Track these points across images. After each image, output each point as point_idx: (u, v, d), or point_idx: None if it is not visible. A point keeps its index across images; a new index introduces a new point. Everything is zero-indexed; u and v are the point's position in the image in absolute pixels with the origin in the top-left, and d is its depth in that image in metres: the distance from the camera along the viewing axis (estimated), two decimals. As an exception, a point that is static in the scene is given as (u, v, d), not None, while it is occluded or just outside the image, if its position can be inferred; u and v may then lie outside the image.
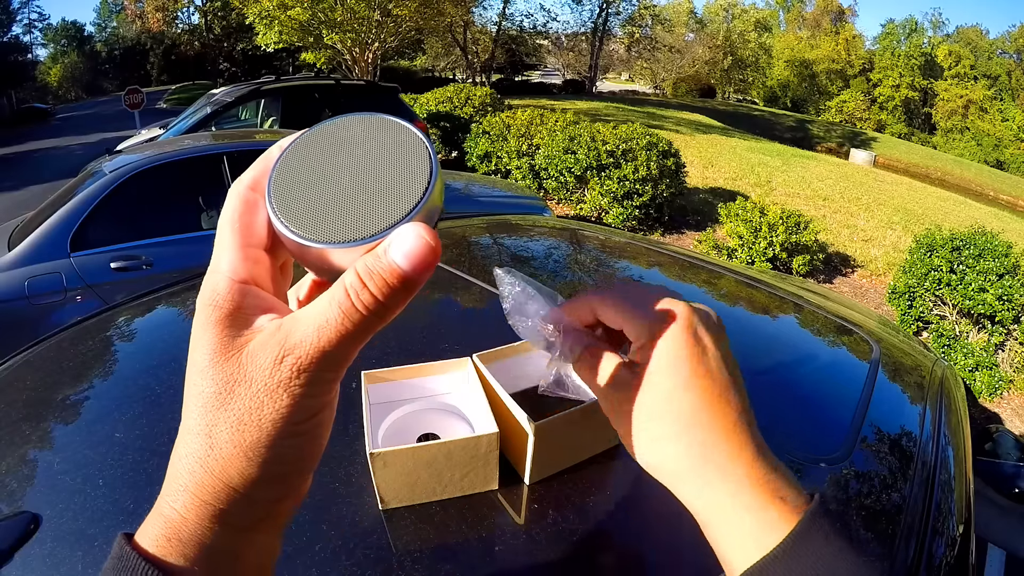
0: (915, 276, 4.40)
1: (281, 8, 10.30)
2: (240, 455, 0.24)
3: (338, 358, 0.24)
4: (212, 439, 0.24)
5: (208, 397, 0.24)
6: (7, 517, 0.62)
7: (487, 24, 26.21)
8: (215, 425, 0.24)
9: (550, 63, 33.89)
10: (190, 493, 0.25)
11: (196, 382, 0.25)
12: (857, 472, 0.76)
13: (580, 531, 0.58)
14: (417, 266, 0.23)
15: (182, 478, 0.25)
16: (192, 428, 0.25)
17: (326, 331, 0.23)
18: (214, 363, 0.24)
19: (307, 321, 0.24)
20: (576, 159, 6.23)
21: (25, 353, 1.07)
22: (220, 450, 0.24)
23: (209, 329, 0.25)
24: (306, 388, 0.24)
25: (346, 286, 0.24)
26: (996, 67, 34.77)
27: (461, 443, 0.58)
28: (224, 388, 0.24)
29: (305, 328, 0.24)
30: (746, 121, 23.51)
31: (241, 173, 0.29)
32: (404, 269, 0.23)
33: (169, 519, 0.25)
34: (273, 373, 0.24)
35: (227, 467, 0.24)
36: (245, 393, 0.24)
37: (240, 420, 0.24)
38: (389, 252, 0.23)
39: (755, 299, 1.39)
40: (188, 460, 0.25)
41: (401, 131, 0.27)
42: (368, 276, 0.23)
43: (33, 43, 36.24)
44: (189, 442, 0.25)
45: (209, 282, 0.26)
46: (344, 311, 0.23)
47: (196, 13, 35.21)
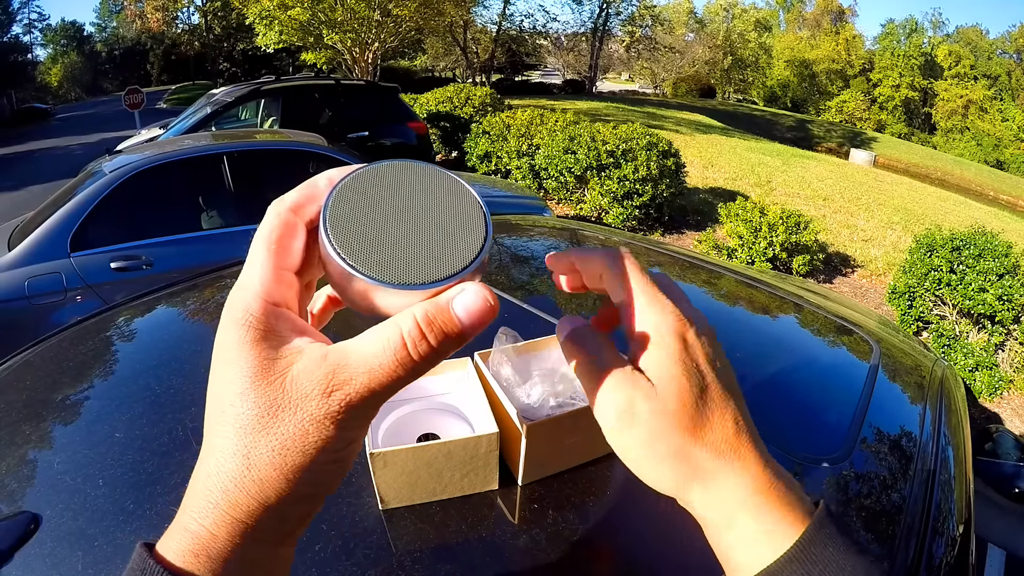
0: (915, 276, 4.40)
1: (281, 8, 10.30)
2: (280, 478, 0.24)
3: (384, 398, 0.25)
4: (250, 460, 0.24)
5: (248, 419, 0.25)
6: (7, 517, 0.62)
7: (487, 24, 26.25)
8: (254, 447, 0.24)
9: (550, 63, 33.90)
10: (222, 511, 0.25)
11: (233, 403, 0.25)
12: (857, 472, 0.76)
13: (580, 531, 0.58)
14: (475, 322, 0.24)
15: (212, 495, 0.25)
16: (226, 448, 0.25)
17: (378, 374, 0.24)
18: (255, 386, 0.25)
19: (359, 360, 0.25)
20: (576, 159, 6.23)
21: (25, 353, 1.07)
22: (259, 472, 0.24)
23: (245, 349, 0.25)
24: (351, 422, 0.25)
25: (403, 333, 0.24)
26: (996, 67, 34.77)
27: (461, 443, 0.58)
28: (267, 412, 0.24)
29: (356, 367, 0.24)
30: (746, 121, 23.52)
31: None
32: (464, 324, 0.24)
33: (197, 535, 0.25)
34: (321, 405, 0.24)
35: (265, 488, 0.25)
36: (290, 420, 0.24)
37: (283, 445, 0.24)
38: (453, 306, 0.24)
39: (755, 299, 1.39)
40: (221, 478, 0.25)
41: (458, 187, 0.28)
42: (428, 326, 0.24)
43: (33, 43, 36.27)
44: (223, 462, 0.25)
45: (239, 300, 0.26)
46: (398, 358, 0.24)
47: (196, 13, 35.22)
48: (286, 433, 0.24)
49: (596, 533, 0.59)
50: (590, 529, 0.59)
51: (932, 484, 0.77)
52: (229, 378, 0.25)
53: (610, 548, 0.59)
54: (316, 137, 3.96)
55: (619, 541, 0.60)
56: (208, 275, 1.34)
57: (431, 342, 0.24)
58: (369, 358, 0.24)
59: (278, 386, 0.25)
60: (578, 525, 0.59)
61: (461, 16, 16.77)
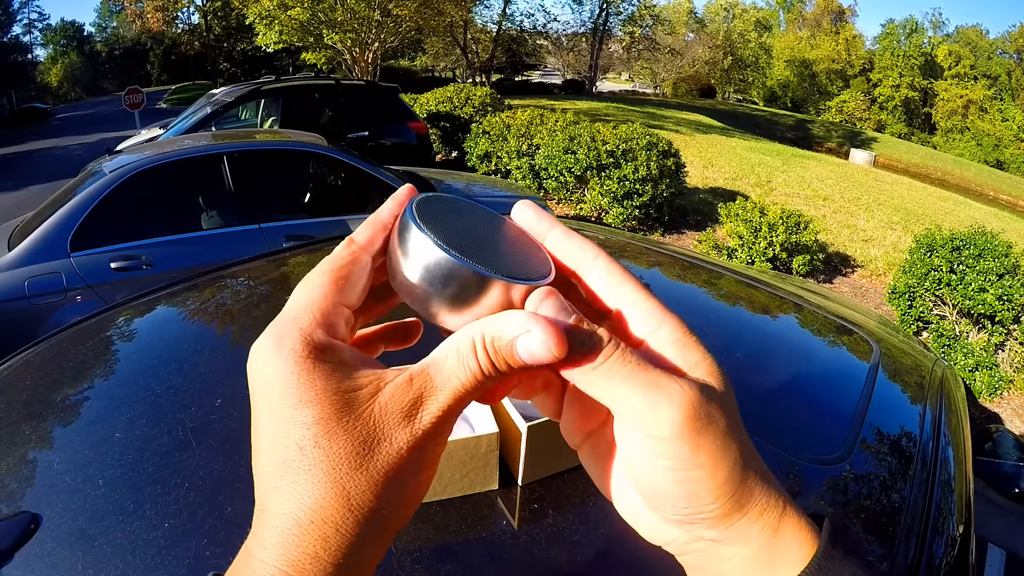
0: (915, 276, 4.40)
1: (281, 8, 10.30)
2: (379, 508, 0.24)
3: (460, 410, 0.26)
4: (350, 501, 0.23)
5: (341, 459, 0.23)
6: (7, 517, 0.62)
7: (487, 24, 26.25)
8: (354, 486, 0.23)
9: (550, 63, 33.92)
10: (322, 561, 0.23)
11: (319, 444, 0.23)
12: (857, 472, 0.76)
13: (580, 531, 0.58)
14: (535, 362, 0.24)
15: (313, 546, 0.23)
16: (317, 494, 0.23)
17: (461, 392, 0.25)
18: (342, 422, 0.23)
19: (444, 381, 0.25)
20: (576, 159, 6.23)
21: (25, 353, 1.07)
22: (360, 511, 0.24)
23: (319, 384, 0.24)
24: (438, 437, 0.25)
25: (476, 353, 0.25)
26: (996, 67, 34.78)
27: (461, 443, 0.58)
28: (363, 447, 0.24)
29: (442, 388, 0.25)
30: (746, 121, 23.52)
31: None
32: (523, 362, 0.24)
33: None
34: (416, 429, 0.24)
35: (363, 524, 0.24)
36: (388, 451, 0.24)
37: (386, 477, 0.24)
38: (516, 346, 0.24)
39: (755, 299, 1.39)
40: (320, 527, 0.23)
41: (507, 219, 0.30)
42: (494, 352, 0.25)
43: (33, 43, 36.28)
44: (318, 508, 0.23)
45: (295, 329, 0.25)
46: (474, 376, 0.25)
47: (196, 13, 35.21)
48: (388, 465, 0.24)
49: (596, 533, 0.59)
50: (590, 529, 0.59)
51: (932, 484, 0.77)
52: (303, 420, 0.23)
53: (610, 548, 0.59)
54: (316, 137, 3.96)
55: (619, 541, 0.60)
56: (208, 275, 1.34)
57: (500, 367, 0.25)
58: (450, 378, 0.25)
59: (368, 418, 0.24)
60: (578, 525, 0.59)
61: (461, 16, 16.77)
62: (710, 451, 0.25)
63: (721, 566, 0.27)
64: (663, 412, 0.24)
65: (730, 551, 0.26)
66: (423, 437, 0.24)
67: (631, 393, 0.24)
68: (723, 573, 0.27)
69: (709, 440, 0.25)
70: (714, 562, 0.27)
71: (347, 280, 0.27)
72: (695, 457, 0.24)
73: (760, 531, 0.26)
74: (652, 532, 0.29)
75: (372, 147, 6.06)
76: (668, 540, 0.28)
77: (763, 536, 0.26)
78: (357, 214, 3.55)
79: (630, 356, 0.25)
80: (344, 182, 3.93)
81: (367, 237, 0.28)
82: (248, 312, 1.15)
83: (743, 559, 0.26)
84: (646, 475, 0.26)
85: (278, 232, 3.24)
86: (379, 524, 0.24)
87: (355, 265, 0.27)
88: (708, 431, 0.25)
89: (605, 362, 0.24)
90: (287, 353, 0.24)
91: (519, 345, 0.24)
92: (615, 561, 0.58)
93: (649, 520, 0.29)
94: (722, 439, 0.25)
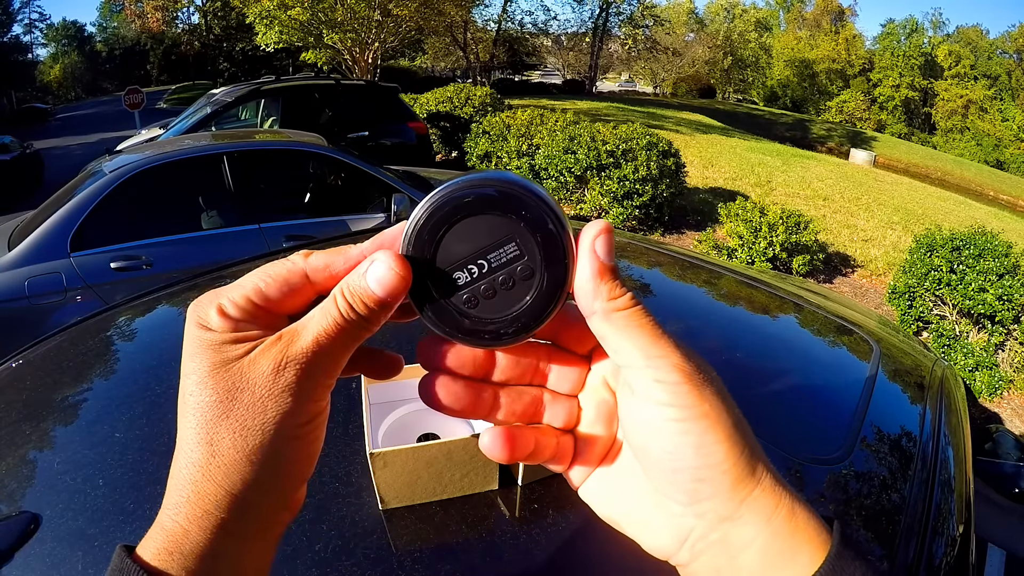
0: (915, 276, 4.40)
1: (281, 8, 10.30)
2: (243, 460, 0.25)
3: (332, 362, 0.27)
4: (214, 447, 0.25)
5: (208, 406, 0.25)
6: (7, 517, 0.62)
7: (488, 23, 26.22)
8: (216, 433, 0.25)
9: (550, 63, 33.91)
10: (192, 504, 0.25)
11: (193, 392, 0.26)
12: (857, 472, 0.76)
13: (580, 531, 0.58)
14: (388, 291, 0.26)
15: (184, 490, 0.25)
16: (191, 439, 0.26)
17: (320, 336, 0.26)
18: (213, 374, 0.26)
19: (306, 331, 0.26)
20: (576, 159, 6.22)
21: (25, 353, 1.07)
22: (223, 457, 0.25)
23: (205, 341, 0.26)
24: (307, 391, 0.26)
25: (335, 299, 0.26)
26: (996, 67, 34.77)
27: (461, 443, 0.58)
28: (226, 396, 0.25)
29: (305, 337, 0.26)
30: (746, 121, 23.51)
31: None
32: (378, 294, 0.26)
33: (171, 532, 0.25)
34: (277, 379, 0.25)
35: (230, 473, 0.25)
36: (248, 400, 0.25)
37: (243, 426, 0.25)
38: (366, 277, 0.26)
39: (755, 299, 1.39)
40: (189, 470, 0.25)
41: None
42: (351, 296, 0.26)
43: (34, 43, 36.29)
44: (189, 452, 0.26)
45: (210, 299, 0.27)
46: (335, 321, 0.26)
47: (196, 13, 35.21)
48: (246, 414, 0.25)
49: (596, 533, 0.59)
50: (590, 529, 0.59)
51: (932, 484, 0.77)
52: (190, 370, 0.26)
53: (610, 548, 0.59)
54: (316, 137, 3.96)
55: (619, 541, 0.60)
56: (208, 275, 1.34)
57: (358, 309, 0.26)
58: (312, 326, 0.26)
59: (236, 371, 0.25)
60: (578, 525, 0.59)
61: (461, 16, 16.77)
62: (713, 401, 0.26)
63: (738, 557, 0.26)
64: (670, 358, 0.26)
65: (748, 533, 0.26)
66: (290, 386, 0.25)
67: (645, 340, 0.26)
68: (741, 567, 0.26)
69: (711, 392, 0.26)
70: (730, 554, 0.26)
71: (284, 283, 0.28)
72: (699, 404, 0.26)
73: (776, 506, 0.26)
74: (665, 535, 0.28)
75: (372, 147, 6.06)
76: (682, 538, 0.27)
77: (781, 513, 0.26)
78: (357, 214, 3.55)
79: (648, 314, 0.27)
80: (344, 182, 3.93)
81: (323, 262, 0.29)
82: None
83: (761, 544, 0.26)
84: (654, 433, 0.27)
85: (278, 232, 3.24)
86: (251, 484, 0.25)
87: (293, 277, 0.28)
88: (709, 385, 0.27)
89: (629, 309, 0.27)
90: (192, 318, 0.27)
91: (368, 276, 0.26)
92: (615, 561, 0.58)
93: (660, 522, 0.28)
94: (724, 395, 0.27)
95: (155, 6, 31.74)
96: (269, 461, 0.25)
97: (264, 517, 0.27)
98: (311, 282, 0.28)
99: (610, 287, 0.27)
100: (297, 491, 0.28)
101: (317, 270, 0.28)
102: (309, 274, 0.28)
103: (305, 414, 0.26)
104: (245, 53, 33.22)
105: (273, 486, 0.26)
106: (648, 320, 0.27)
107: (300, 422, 0.26)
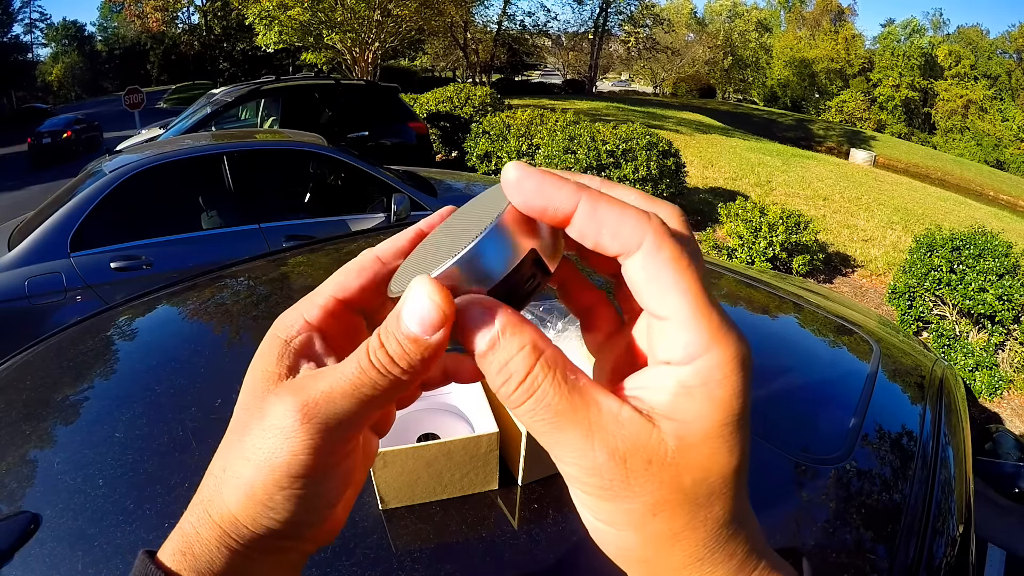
0: (915, 276, 4.40)
1: (281, 8, 10.30)
2: (239, 487, 0.24)
3: (353, 415, 0.23)
4: (226, 469, 0.25)
5: (234, 427, 0.25)
6: (7, 517, 0.62)
7: (488, 23, 26.22)
8: (231, 456, 0.25)
9: (550, 63, 33.89)
10: (203, 509, 0.25)
11: (240, 398, 0.26)
12: (858, 472, 0.76)
13: (580, 531, 0.58)
14: (429, 330, 0.21)
15: (203, 493, 0.26)
16: (220, 449, 0.26)
17: (339, 385, 0.23)
18: (249, 397, 0.25)
19: (327, 374, 0.23)
20: (576, 159, 6.23)
21: (25, 353, 1.07)
22: (231, 481, 0.25)
23: (260, 363, 0.25)
24: (319, 443, 0.23)
25: (368, 345, 0.23)
26: (996, 67, 34.76)
27: (461, 443, 0.58)
28: (244, 422, 0.25)
29: (322, 381, 0.23)
30: (746, 121, 23.51)
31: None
32: (418, 334, 0.21)
33: (185, 533, 0.25)
34: (283, 419, 0.23)
35: (229, 494, 0.25)
36: (256, 431, 0.24)
37: (245, 456, 0.24)
38: (403, 316, 0.21)
39: (755, 299, 1.39)
40: (209, 478, 0.26)
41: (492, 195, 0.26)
42: (386, 337, 0.22)
43: (34, 43, 36.27)
44: (214, 462, 0.26)
45: (295, 311, 0.27)
46: (362, 368, 0.22)
47: (196, 13, 35.21)
48: (250, 445, 0.24)
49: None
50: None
51: (932, 483, 0.77)
52: (248, 373, 0.26)
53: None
54: (316, 137, 3.96)
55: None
56: (208, 275, 1.34)
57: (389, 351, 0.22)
58: (334, 371, 0.23)
59: (262, 398, 0.24)
60: (578, 525, 0.59)
61: (461, 16, 16.77)
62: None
63: None
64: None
65: None
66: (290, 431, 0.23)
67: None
68: None
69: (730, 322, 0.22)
70: None
71: (360, 269, 0.28)
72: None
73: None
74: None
75: (372, 147, 6.06)
76: None
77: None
78: (357, 214, 3.55)
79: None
80: (344, 182, 3.93)
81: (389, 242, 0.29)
82: (248, 312, 1.15)
83: None
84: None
85: (278, 232, 3.24)
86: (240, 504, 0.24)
87: (365, 260, 0.28)
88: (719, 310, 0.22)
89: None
90: (270, 331, 0.26)
91: (404, 314, 0.21)
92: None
93: None
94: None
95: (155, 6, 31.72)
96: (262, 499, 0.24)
97: (265, 546, 0.25)
98: (383, 263, 0.28)
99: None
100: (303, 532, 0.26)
101: (385, 250, 0.28)
102: (379, 256, 0.28)
103: (310, 465, 0.23)
104: (245, 53, 33.22)
105: (268, 532, 0.25)
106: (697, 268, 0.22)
107: (303, 472, 0.23)
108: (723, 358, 0.21)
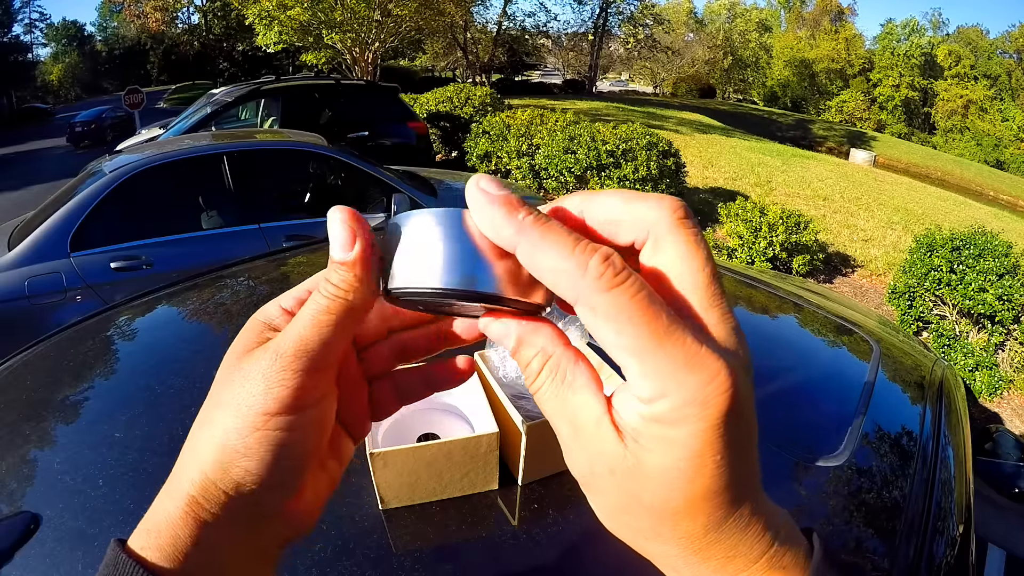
0: (915, 276, 4.40)
1: (281, 8, 10.29)
2: (213, 438, 0.25)
3: (314, 345, 0.25)
4: (200, 424, 0.26)
5: (209, 397, 0.26)
6: (7, 517, 0.62)
7: (488, 23, 26.22)
8: (205, 413, 0.26)
9: (550, 63, 33.89)
10: (175, 479, 0.26)
11: (214, 383, 0.27)
12: (857, 471, 0.76)
13: (580, 531, 0.58)
14: (347, 245, 0.25)
15: (176, 466, 0.26)
16: (195, 421, 0.27)
17: (302, 321, 0.25)
18: (224, 368, 0.26)
19: (293, 321, 0.26)
20: (576, 159, 6.22)
21: (25, 353, 1.07)
22: (202, 436, 0.26)
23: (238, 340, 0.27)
24: (281, 374, 0.25)
25: (319, 285, 0.26)
26: (996, 67, 34.76)
27: (461, 443, 0.58)
28: (222, 382, 0.26)
29: (290, 327, 0.26)
30: (746, 121, 23.51)
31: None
32: (340, 256, 0.25)
33: (154, 510, 0.26)
34: (259, 362, 0.25)
35: (203, 449, 0.25)
36: (237, 381, 0.25)
37: (221, 406, 0.25)
38: (330, 247, 0.25)
39: (755, 299, 1.39)
40: (184, 450, 0.27)
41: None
42: (327, 271, 0.26)
43: (34, 43, 36.28)
44: (190, 434, 0.27)
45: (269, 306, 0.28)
46: (315, 300, 0.26)
47: (196, 13, 35.22)
48: (232, 393, 0.25)
49: (596, 533, 0.59)
50: (590, 529, 0.59)
51: (932, 483, 0.77)
52: (221, 364, 0.27)
53: (610, 548, 0.59)
54: (316, 137, 3.96)
55: (619, 541, 0.60)
56: (208, 275, 1.34)
57: (332, 282, 0.25)
58: (298, 314, 0.26)
59: (239, 362, 0.26)
60: (578, 525, 0.59)
61: (461, 16, 16.76)
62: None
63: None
64: None
65: None
66: (266, 372, 0.25)
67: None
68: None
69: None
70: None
71: None
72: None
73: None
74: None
75: (372, 147, 6.06)
76: None
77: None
78: (357, 214, 3.55)
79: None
80: (344, 182, 3.93)
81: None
82: (248, 312, 1.15)
83: None
84: None
85: (278, 232, 3.24)
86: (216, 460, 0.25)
87: None
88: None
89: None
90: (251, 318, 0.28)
91: (331, 248, 0.25)
92: (615, 561, 0.58)
93: None
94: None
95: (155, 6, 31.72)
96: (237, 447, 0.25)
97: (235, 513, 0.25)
98: None
99: None
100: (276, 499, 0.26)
101: None
102: None
103: (274, 403, 0.24)
104: (245, 53, 33.25)
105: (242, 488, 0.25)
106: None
107: (273, 410, 0.24)
108: (679, 401, 0.20)
